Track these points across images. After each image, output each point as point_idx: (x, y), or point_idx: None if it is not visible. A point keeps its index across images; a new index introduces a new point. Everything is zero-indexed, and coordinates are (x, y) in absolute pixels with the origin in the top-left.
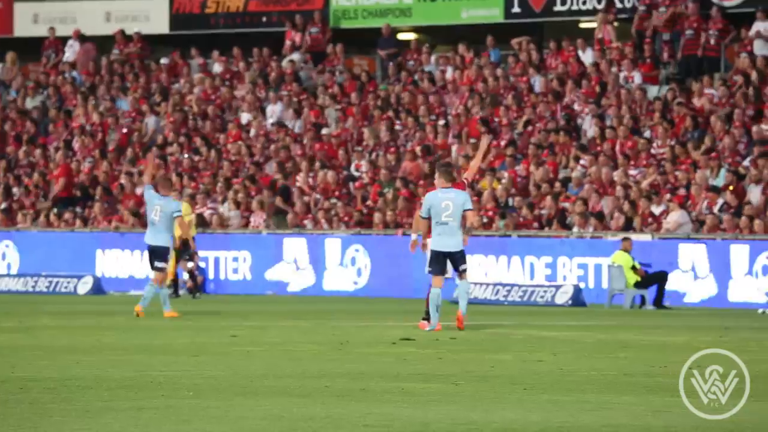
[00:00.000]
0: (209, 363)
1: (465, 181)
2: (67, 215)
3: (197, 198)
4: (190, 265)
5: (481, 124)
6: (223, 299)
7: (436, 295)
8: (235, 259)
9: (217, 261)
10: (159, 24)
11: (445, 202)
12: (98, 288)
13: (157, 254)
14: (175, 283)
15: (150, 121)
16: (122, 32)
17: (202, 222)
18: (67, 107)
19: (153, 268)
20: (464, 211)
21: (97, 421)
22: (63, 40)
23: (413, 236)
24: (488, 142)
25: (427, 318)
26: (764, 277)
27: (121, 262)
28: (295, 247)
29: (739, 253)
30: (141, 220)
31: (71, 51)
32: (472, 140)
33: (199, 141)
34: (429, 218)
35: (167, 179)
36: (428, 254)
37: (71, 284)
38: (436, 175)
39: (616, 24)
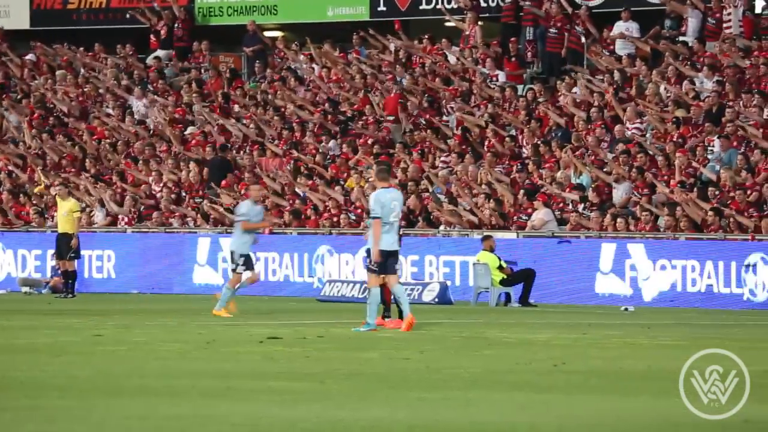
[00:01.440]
0: (73, 363)
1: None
2: None
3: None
4: (66, 264)
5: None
6: (86, 298)
7: (376, 295)
8: (99, 258)
9: (81, 260)
10: (20, 19)
11: (393, 203)
12: None
13: None
14: (71, 282)
15: (11, 117)
16: None
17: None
18: None
19: (234, 271)
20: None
21: None
22: None
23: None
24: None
25: (388, 315)
26: (627, 274)
27: None
28: (162, 245)
29: (603, 250)
30: (6, 218)
31: None
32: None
33: (61, 137)
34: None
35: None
36: (371, 253)
37: None
38: (376, 176)
39: (480, 23)
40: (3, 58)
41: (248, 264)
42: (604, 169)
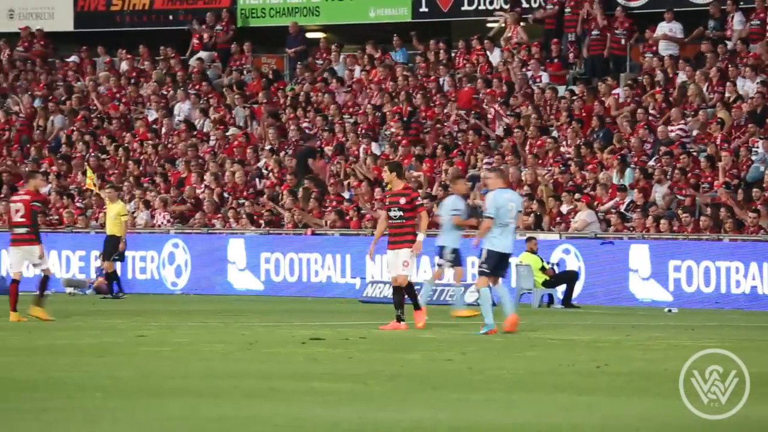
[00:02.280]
0: (116, 363)
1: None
2: None
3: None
4: (115, 265)
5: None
6: (130, 299)
7: (486, 295)
8: (143, 259)
9: (124, 260)
10: (63, 22)
11: (510, 204)
12: (2, 288)
13: None
14: (117, 283)
15: (56, 119)
16: (27, 30)
17: None
18: None
19: (439, 265)
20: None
21: (1, 423)
22: None
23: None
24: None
25: (402, 318)
26: (671, 275)
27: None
28: (202, 246)
29: (645, 251)
30: (47, 219)
31: None
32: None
33: (105, 140)
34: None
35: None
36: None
37: None
38: (494, 176)
39: (522, 24)
40: (47, 60)
41: (456, 260)
42: (648, 170)
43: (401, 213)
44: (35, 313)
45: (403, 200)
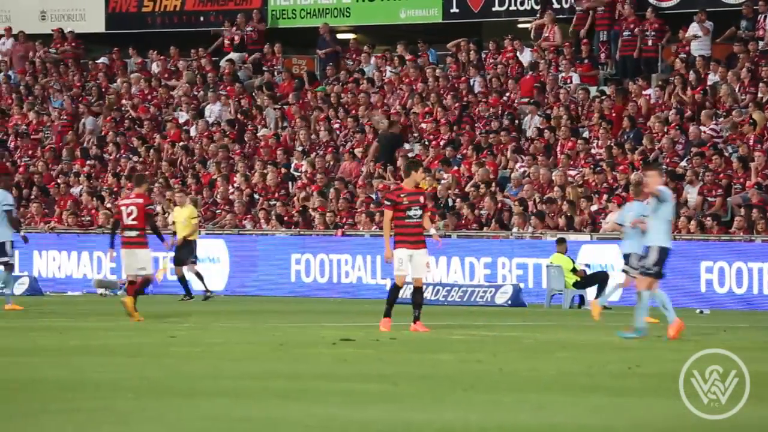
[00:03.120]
0: (147, 364)
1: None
2: None
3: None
4: (194, 267)
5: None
6: (161, 300)
7: (649, 298)
8: (174, 260)
9: (156, 261)
10: (95, 23)
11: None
12: (34, 289)
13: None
14: (185, 286)
15: (87, 121)
16: (59, 31)
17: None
18: (1, 106)
19: (627, 272)
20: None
21: (34, 423)
22: None
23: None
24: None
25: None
26: (702, 276)
27: (58, 263)
28: (233, 247)
29: (678, 253)
30: (78, 220)
31: (4, 50)
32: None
33: (136, 141)
34: None
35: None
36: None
37: None
38: (657, 172)
39: (557, 24)
40: (79, 61)
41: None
42: (678, 171)
43: (420, 212)
44: (135, 316)
45: (422, 199)
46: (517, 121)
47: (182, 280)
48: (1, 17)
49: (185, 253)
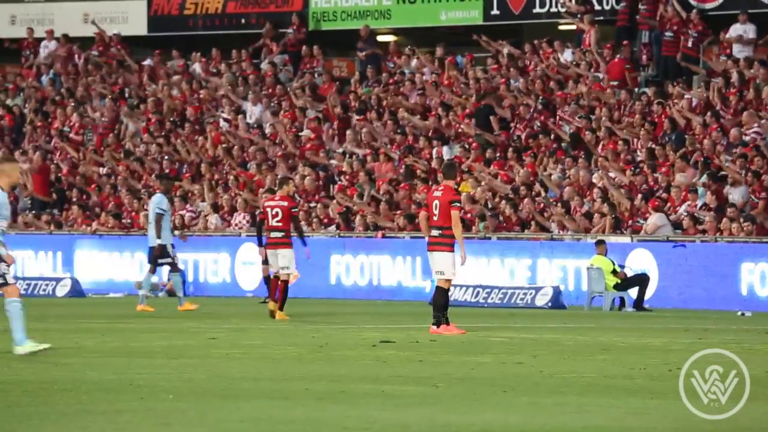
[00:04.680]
0: (188, 366)
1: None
2: (44, 217)
3: (175, 201)
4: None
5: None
6: (202, 301)
7: None
8: (215, 262)
9: (196, 263)
10: (137, 26)
11: None
12: (77, 290)
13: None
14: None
15: (129, 123)
16: (101, 34)
17: (182, 224)
18: (45, 109)
19: None
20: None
21: (75, 424)
22: (40, 42)
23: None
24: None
25: (438, 323)
26: (744, 278)
27: (100, 265)
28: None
29: (719, 254)
30: (120, 222)
31: (47, 52)
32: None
33: (178, 143)
34: None
35: None
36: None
37: (50, 287)
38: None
39: (596, 26)
40: (122, 64)
41: None
42: (721, 173)
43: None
44: (279, 317)
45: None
46: (556, 123)
47: (267, 280)
48: (44, 20)
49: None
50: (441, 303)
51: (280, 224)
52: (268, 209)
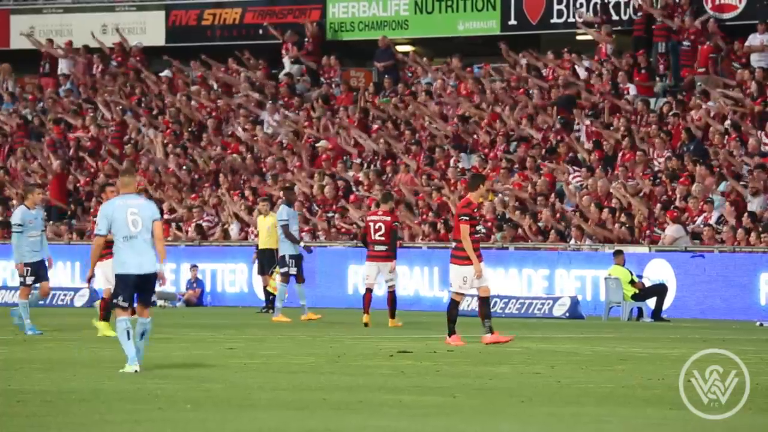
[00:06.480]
0: (206, 376)
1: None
2: (62, 227)
3: (193, 210)
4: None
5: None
6: (220, 311)
7: None
8: (233, 272)
9: (214, 273)
10: (155, 36)
11: None
12: (95, 300)
13: None
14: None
15: (148, 133)
16: (120, 44)
17: (201, 233)
18: (63, 119)
19: None
20: None
21: None
22: (58, 52)
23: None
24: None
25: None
26: (763, 289)
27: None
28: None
29: (737, 265)
30: None
31: (66, 63)
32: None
33: (196, 153)
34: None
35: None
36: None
37: (68, 297)
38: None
39: (613, 36)
40: (140, 74)
41: None
42: (741, 182)
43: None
44: (392, 324)
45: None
46: (575, 133)
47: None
48: (62, 31)
49: (267, 263)
50: (449, 314)
51: (383, 238)
52: (371, 223)
